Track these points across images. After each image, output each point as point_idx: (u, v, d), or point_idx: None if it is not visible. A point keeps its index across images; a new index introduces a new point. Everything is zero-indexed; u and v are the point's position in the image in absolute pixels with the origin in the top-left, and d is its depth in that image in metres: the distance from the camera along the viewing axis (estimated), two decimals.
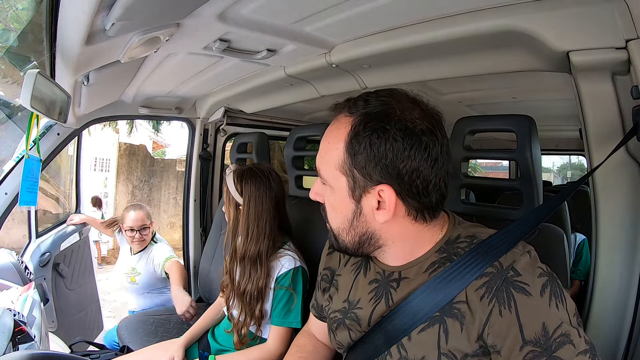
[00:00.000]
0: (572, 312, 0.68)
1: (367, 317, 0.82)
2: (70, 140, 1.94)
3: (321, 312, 1.04)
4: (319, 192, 0.82)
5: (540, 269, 0.70)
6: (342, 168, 0.73)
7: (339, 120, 0.75)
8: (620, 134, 0.90)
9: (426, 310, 0.74)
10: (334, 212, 0.79)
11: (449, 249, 0.77)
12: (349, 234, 0.78)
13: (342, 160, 0.73)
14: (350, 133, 0.72)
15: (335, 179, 0.75)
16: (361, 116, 0.72)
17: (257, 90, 1.88)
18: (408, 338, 0.76)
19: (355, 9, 1.07)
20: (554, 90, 1.81)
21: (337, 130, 0.74)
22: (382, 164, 0.70)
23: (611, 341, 0.94)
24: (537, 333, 0.65)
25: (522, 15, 0.95)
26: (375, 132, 0.70)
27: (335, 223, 0.80)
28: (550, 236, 0.97)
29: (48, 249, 2.22)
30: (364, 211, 0.75)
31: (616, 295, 0.93)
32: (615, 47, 0.84)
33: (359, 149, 0.71)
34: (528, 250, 0.73)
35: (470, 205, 1.15)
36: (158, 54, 1.35)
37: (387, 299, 0.80)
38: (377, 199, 0.72)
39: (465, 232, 0.79)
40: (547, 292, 0.67)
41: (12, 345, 1.11)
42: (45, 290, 2.00)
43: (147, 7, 0.91)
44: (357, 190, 0.73)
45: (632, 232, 0.92)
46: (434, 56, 1.27)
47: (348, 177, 0.73)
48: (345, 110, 0.75)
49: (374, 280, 0.84)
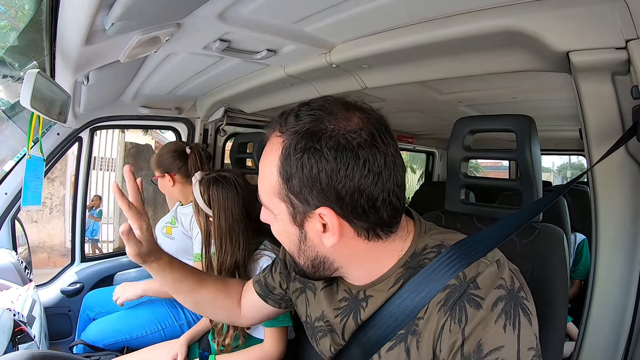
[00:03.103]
0: (526, 344, 0.59)
1: (340, 330, 0.79)
2: (71, 140, 1.94)
3: (267, 294, 1.00)
4: (265, 217, 0.75)
5: (502, 280, 0.63)
6: (279, 194, 0.67)
7: (272, 141, 0.67)
8: (620, 134, 0.90)
9: (395, 325, 0.69)
10: (281, 237, 0.74)
11: (414, 262, 0.71)
12: (300, 258, 0.73)
13: (279, 186, 0.66)
14: (281, 157, 0.64)
15: (274, 205, 0.69)
16: (291, 136, 0.64)
17: (257, 90, 1.88)
18: (378, 356, 0.71)
19: (355, 9, 1.07)
20: (554, 90, 1.81)
21: (270, 152, 0.67)
22: (317, 188, 0.63)
23: (611, 341, 0.94)
24: (471, 350, 0.59)
25: (521, 15, 0.94)
26: (305, 152, 0.62)
27: (286, 247, 0.75)
28: (549, 236, 0.97)
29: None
30: (309, 235, 0.69)
31: (616, 295, 0.94)
32: (615, 47, 0.84)
33: (291, 172, 0.64)
34: (497, 259, 0.67)
35: (470, 205, 1.15)
36: (158, 54, 1.35)
37: (355, 316, 0.76)
38: (320, 222, 0.65)
39: (432, 241, 0.72)
40: (497, 308, 0.60)
41: (12, 345, 1.11)
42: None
43: (147, 7, 0.91)
44: (297, 215, 0.67)
45: (632, 232, 0.92)
46: (434, 56, 1.27)
47: (286, 203, 0.67)
48: (277, 129, 0.67)
49: (343, 298, 0.80)
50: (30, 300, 1.43)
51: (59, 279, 2.11)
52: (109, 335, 1.71)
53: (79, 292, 2.09)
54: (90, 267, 2.20)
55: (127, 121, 2.15)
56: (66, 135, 1.90)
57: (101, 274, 2.21)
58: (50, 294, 2.03)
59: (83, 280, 2.12)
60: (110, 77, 1.46)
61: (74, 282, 2.10)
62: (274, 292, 0.99)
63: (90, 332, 1.73)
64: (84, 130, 2.00)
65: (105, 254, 2.37)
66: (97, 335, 1.71)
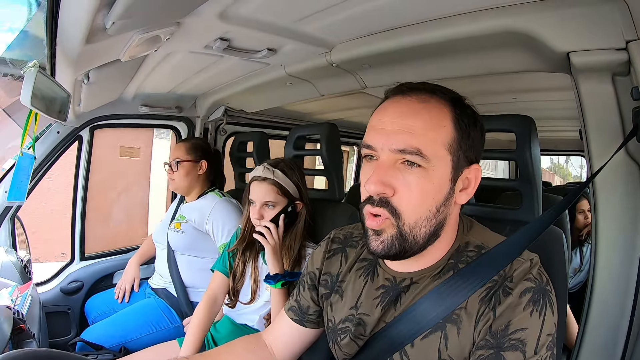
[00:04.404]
0: (547, 330, 0.67)
1: (373, 323, 0.80)
2: (71, 139, 1.94)
3: (303, 316, 0.99)
4: (387, 181, 0.70)
5: (531, 274, 0.71)
6: (450, 146, 0.70)
7: (429, 101, 0.72)
8: (621, 135, 0.90)
9: (431, 318, 0.73)
10: (424, 199, 0.70)
11: (458, 257, 0.77)
12: (428, 224, 0.71)
13: (452, 138, 0.71)
14: (456, 111, 0.72)
15: (440, 158, 0.70)
16: (451, 99, 0.74)
17: (257, 89, 1.88)
18: (411, 345, 0.75)
19: (356, 8, 1.07)
20: (554, 91, 1.81)
21: (434, 108, 0.71)
22: (478, 144, 0.75)
23: (610, 341, 0.94)
24: (499, 328, 0.67)
25: (522, 16, 0.95)
26: (470, 115, 0.74)
27: (417, 213, 0.70)
28: (548, 236, 0.97)
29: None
30: (454, 194, 0.73)
31: (615, 296, 0.94)
32: (616, 48, 0.84)
33: (465, 127, 0.72)
34: (531, 259, 0.73)
35: (469, 205, 1.15)
36: (158, 53, 1.35)
37: (395, 305, 0.79)
38: (466, 177, 0.74)
39: (474, 240, 0.79)
40: (526, 296, 0.68)
41: (12, 343, 1.11)
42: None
43: (147, 6, 0.91)
44: (457, 169, 0.72)
45: (632, 233, 0.92)
46: (434, 56, 1.27)
47: (453, 155, 0.71)
48: (426, 94, 0.73)
49: (381, 286, 0.82)
50: (30, 299, 1.43)
51: (58, 278, 2.11)
52: (108, 337, 1.71)
53: (78, 290, 2.09)
54: (89, 266, 2.19)
55: (127, 120, 2.15)
56: (66, 133, 1.90)
57: (101, 273, 2.21)
58: (49, 292, 2.03)
59: (82, 279, 2.12)
60: (110, 75, 1.46)
61: (73, 281, 2.10)
62: (308, 313, 0.98)
63: (89, 333, 1.74)
64: (84, 129, 2.00)
65: (105, 252, 2.35)
66: (96, 337, 1.71)
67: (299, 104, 2.37)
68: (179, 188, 1.95)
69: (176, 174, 1.91)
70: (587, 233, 2.38)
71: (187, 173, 1.91)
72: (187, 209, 1.92)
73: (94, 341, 1.68)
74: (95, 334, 1.72)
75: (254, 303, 1.44)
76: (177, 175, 1.91)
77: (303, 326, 0.99)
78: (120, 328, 1.75)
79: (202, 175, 1.95)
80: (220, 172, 2.09)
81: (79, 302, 2.07)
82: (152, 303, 1.88)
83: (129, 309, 1.87)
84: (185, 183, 1.92)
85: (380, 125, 0.72)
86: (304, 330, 0.99)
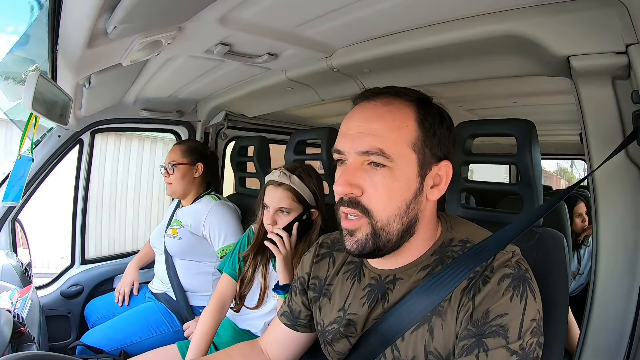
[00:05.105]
0: (530, 316, 0.68)
1: (362, 321, 0.82)
2: (72, 143, 1.94)
3: (295, 321, 1.00)
4: (354, 182, 0.74)
5: (510, 262, 0.73)
6: (414, 145, 0.74)
7: (392, 104, 0.75)
8: (621, 138, 0.90)
9: (419, 311, 0.75)
10: (391, 197, 0.73)
11: (443, 252, 0.79)
12: (400, 221, 0.74)
13: (415, 137, 0.74)
14: (420, 111, 0.75)
15: (405, 157, 0.73)
16: (416, 100, 0.76)
17: (258, 94, 1.89)
18: (402, 339, 0.76)
19: (356, 13, 1.07)
20: (554, 95, 1.81)
21: (397, 110, 0.75)
22: (446, 141, 0.77)
23: (612, 346, 0.93)
24: (480, 316, 0.68)
25: (522, 21, 0.95)
26: (436, 114, 0.77)
27: (387, 211, 0.73)
28: (549, 240, 0.96)
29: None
30: (424, 190, 0.76)
31: (616, 300, 0.93)
32: (616, 51, 0.84)
33: (430, 126, 0.75)
34: (513, 250, 0.76)
35: (470, 209, 1.15)
36: (159, 57, 1.36)
37: (383, 301, 0.81)
38: (436, 174, 0.76)
39: (459, 235, 0.81)
40: (505, 282, 0.70)
41: (11, 346, 1.11)
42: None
43: (148, 11, 0.91)
44: (424, 167, 0.75)
45: (633, 237, 0.91)
46: (435, 60, 1.27)
47: (419, 153, 0.74)
48: (389, 97, 0.76)
49: (368, 285, 0.84)
50: (30, 302, 1.43)
51: (58, 281, 2.11)
52: (108, 340, 1.71)
53: (78, 294, 2.09)
54: (90, 270, 2.19)
55: (128, 124, 2.15)
56: (67, 137, 1.90)
57: (101, 277, 2.20)
58: (50, 296, 2.03)
59: (83, 283, 2.12)
60: (111, 80, 1.47)
61: (73, 285, 2.09)
62: (300, 317, 1.00)
63: (89, 337, 1.73)
64: (85, 133, 2.00)
65: (105, 256, 2.35)
66: (96, 341, 1.70)
67: (299, 108, 2.37)
68: (175, 192, 1.94)
69: (172, 177, 1.90)
70: (585, 236, 2.39)
71: (183, 176, 1.90)
72: (183, 214, 1.91)
73: (94, 345, 1.67)
74: (95, 338, 1.71)
75: (260, 309, 1.42)
76: (173, 179, 1.90)
77: (296, 331, 1.01)
78: (120, 332, 1.74)
79: (198, 177, 1.94)
80: (217, 174, 2.09)
81: (79, 305, 2.07)
82: (152, 307, 1.87)
83: (129, 312, 1.86)
84: (181, 186, 1.91)
85: (347, 130, 0.77)
86: (297, 335, 1.01)
